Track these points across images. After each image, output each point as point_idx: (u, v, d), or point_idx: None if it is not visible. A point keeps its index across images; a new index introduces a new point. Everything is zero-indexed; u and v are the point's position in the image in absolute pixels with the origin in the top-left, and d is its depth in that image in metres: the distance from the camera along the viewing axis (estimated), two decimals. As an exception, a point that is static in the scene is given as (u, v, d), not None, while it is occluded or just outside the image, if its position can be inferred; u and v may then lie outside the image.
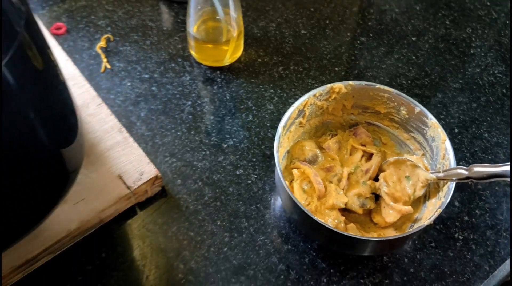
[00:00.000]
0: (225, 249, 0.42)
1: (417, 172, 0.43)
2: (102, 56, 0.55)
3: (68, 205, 0.42)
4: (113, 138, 0.47)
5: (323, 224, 0.36)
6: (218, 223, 0.43)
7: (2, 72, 0.29)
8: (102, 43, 0.57)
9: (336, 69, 0.56)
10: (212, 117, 0.51)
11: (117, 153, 0.45)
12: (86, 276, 0.40)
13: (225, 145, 0.49)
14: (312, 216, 0.37)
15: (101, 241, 0.42)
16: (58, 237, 0.41)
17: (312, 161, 0.45)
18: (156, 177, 0.44)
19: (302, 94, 0.45)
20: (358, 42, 0.59)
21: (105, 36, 0.57)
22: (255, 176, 0.47)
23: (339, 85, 0.45)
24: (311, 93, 0.44)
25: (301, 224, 0.40)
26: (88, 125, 0.48)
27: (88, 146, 0.46)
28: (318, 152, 0.45)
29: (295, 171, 0.43)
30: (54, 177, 0.40)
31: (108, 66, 0.55)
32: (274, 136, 0.49)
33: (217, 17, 0.52)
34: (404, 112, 0.45)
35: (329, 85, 0.44)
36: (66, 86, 0.39)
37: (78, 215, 0.42)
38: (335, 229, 0.36)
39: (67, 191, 0.41)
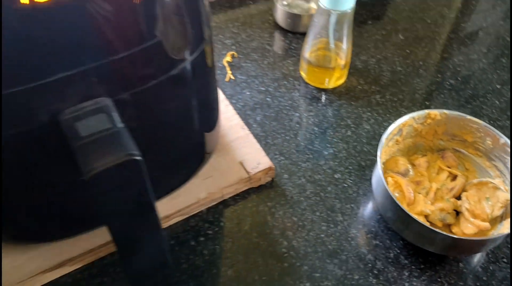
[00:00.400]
0: (322, 235, 0.50)
1: (497, 193, 0.49)
2: (227, 68, 0.66)
3: (199, 180, 0.51)
4: (237, 133, 0.56)
5: (416, 218, 0.44)
6: (317, 214, 0.51)
7: (188, 66, 0.39)
8: (228, 58, 0.67)
9: (427, 103, 0.64)
10: (316, 128, 0.60)
11: (240, 145, 0.55)
12: (207, 238, 0.49)
13: (326, 153, 0.57)
14: (407, 211, 0.44)
15: (221, 212, 0.51)
16: (189, 202, 0.50)
17: (404, 174, 0.52)
18: (269, 168, 0.53)
19: (395, 119, 0.53)
20: (447, 83, 0.67)
21: (231, 52, 0.68)
22: (351, 181, 0.54)
23: (435, 112, 0.52)
24: (410, 115, 0.52)
25: (394, 220, 0.47)
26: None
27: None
28: (410, 167, 0.53)
29: (389, 179, 0.51)
30: (196, 153, 0.50)
31: (232, 77, 0.65)
32: (369, 150, 0.57)
33: (330, 47, 0.62)
34: (489, 142, 0.52)
35: (427, 111, 0.52)
36: (216, 83, 0.49)
37: (206, 188, 0.51)
38: (425, 224, 0.43)
39: (201, 168, 0.51)
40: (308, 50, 0.63)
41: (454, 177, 0.53)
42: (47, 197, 0.40)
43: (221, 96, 0.60)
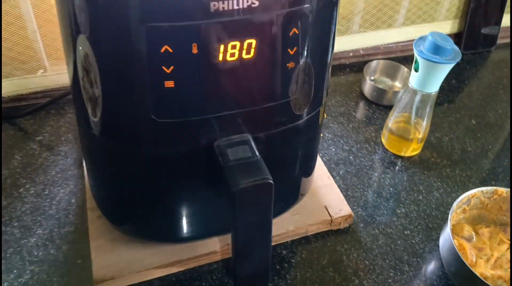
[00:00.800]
0: (390, 280, 0.57)
1: (553, 270, 0.55)
2: (317, 126, 0.76)
3: (289, 214, 0.60)
4: (323, 181, 0.66)
5: (478, 275, 0.50)
6: (387, 261, 0.59)
7: (307, 121, 0.49)
8: (318, 117, 0.78)
9: (492, 182, 0.71)
10: (391, 189, 0.68)
11: (325, 192, 0.64)
12: (290, 265, 0.57)
13: (398, 211, 0.65)
14: (471, 268, 0.51)
15: (303, 246, 0.59)
16: (279, 232, 0.59)
17: (468, 240, 0.59)
18: (349, 215, 0.61)
19: (463, 192, 0.60)
20: (513, 168, 0.74)
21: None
22: (419, 238, 0.62)
23: (502, 190, 0.60)
24: (480, 189, 0.59)
25: (457, 275, 0.54)
26: (307, 168, 0.67)
27: (307, 181, 0.65)
28: (474, 234, 0.60)
29: (455, 241, 0.58)
30: (294, 192, 0.59)
31: (321, 135, 0.75)
32: (437, 215, 0.65)
33: (411, 121, 0.71)
34: (550, 224, 0.58)
35: (495, 187, 0.60)
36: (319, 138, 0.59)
37: (294, 222, 0.60)
38: (488, 283, 0.50)
39: (293, 205, 0.61)
40: (392, 121, 0.72)
41: (513, 250, 0.59)
42: (181, 204, 0.50)
43: (312, 148, 0.70)
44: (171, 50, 0.37)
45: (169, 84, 0.39)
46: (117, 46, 0.38)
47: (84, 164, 0.64)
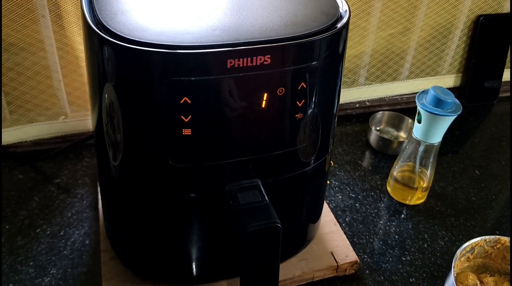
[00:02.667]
0: (395, 327, 0.57)
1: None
2: (324, 174, 0.79)
3: (296, 260, 0.62)
4: (330, 227, 0.67)
5: (482, 324, 0.51)
6: (392, 308, 0.60)
7: (314, 168, 0.52)
8: (325, 165, 0.81)
9: (496, 232, 0.72)
10: (396, 236, 0.69)
11: (331, 238, 0.66)
12: (297, 310, 0.58)
13: (404, 258, 0.66)
14: (475, 317, 0.52)
15: (310, 291, 0.61)
16: (285, 277, 0.60)
17: (472, 288, 0.60)
18: (355, 262, 0.63)
19: (467, 241, 0.62)
20: (517, 218, 0.75)
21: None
22: (426, 284, 0.63)
23: (505, 239, 0.61)
24: (483, 237, 0.61)
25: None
26: (314, 214, 0.69)
27: (314, 227, 0.67)
28: (479, 283, 0.61)
29: (459, 289, 0.59)
30: (301, 238, 0.61)
31: (328, 182, 0.78)
32: (441, 263, 0.66)
33: (415, 171, 0.73)
34: (553, 274, 0.59)
35: (498, 236, 0.61)
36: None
37: (301, 268, 0.61)
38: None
39: (300, 250, 0.62)
40: (397, 170, 0.75)
41: (518, 300, 0.60)
42: (193, 246, 0.52)
43: (319, 195, 0.72)
44: (189, 102, 0.41)
45: (187, 132, 0.42)
46: (141, 96, 0.42)
47: (99, 206, 0.67)
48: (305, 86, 0.44)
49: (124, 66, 0.41)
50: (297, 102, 0.45)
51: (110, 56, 0.41)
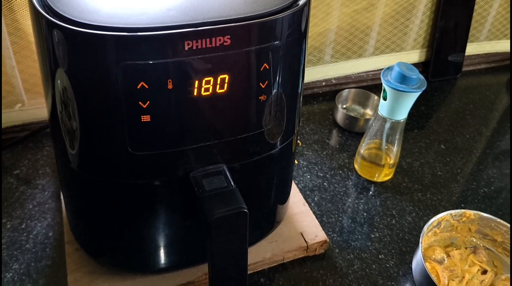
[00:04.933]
0: (365, 304, 0.58)
1: (521, 289, 0.57)
2: (293, 154, 0.78)
3: (266, 242, 0.61)
4: (299, 208, 0.67)
5: (449, 297, 0.52)
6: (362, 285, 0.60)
7: (280, 150, 0.51)
8: (293, 145, 0.80)
9: (462, 205, 0.73)
10: (365, 214, 0.70)
11: (300, 218, 0.65)
12: (268, 292, 0.58)
13: (373, 236, 0.67)
14: (442, 290, 0.52)
15: (280, 273, 0.60)
16: (256, 260, 0.60)
17: (439, 262, 0.61)
18: (325, 241, 0.63)
19: (434, 215, 0.63)
20: (481, 191, 0.77)
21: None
22: (393, 262, 0.63)
23: (470, 212, 0.62)
24: (449, 212, 0.62)
25: (430, 297, 0.55)
26: (283, 196, 0.69)
27: (283, 209, 0.66)
28: (445, 257, 0.62)
29: (427, 264, 0.59)
30: (270, 220, 0.60)
31: (296, 162, 0.77)
32: (409, 239, 0.67)
33: (382, 148, 0.73)
34: (516, 244, 0.60)
35: (463, 210, 0.62)
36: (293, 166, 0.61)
37: (271, 250, 0.61)
38: (457, 303, 0.52)
39: (269, 233, 0.62)
40: (364, 148, 0.75)
41: (484, 271, 0.61)
42: (159, 234, 0.51)
43: (287, 176, 0.72)
44: (147, 86, 0.39)
45: (146, 118, 0.40)
46: (95, 82, 0.39)
47: (62, 197, 0.65)
48: (268, 67, 0.43)
49: (76, 51, 0.39)
50: (260, 83, 0.44)
51: (61, 40, 0.39)
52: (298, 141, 0.81)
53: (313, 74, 0.93)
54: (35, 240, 0.61)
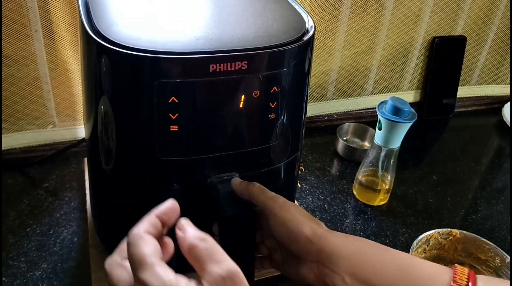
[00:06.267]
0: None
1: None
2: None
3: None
4: (301, 225, 0.73)
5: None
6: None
7: (285, 165, 0.59)
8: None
9: (453, 231, 0.79)
10: (361, 233, 0.76)
11: (302, 234, 0.72)
12: (271, 297, 0.64)
13: (368, 252, 0.73)
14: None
15: (283, 282, 0.66)
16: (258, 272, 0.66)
17: (428, 275, 0.67)
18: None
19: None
20: (470, 218, 0.83)
21: (301, 168, 0.88)
22: (386, 276, 0.69)
23: (456, 231, 0.68)
24: (437, 230, 0.68)
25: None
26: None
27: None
28: (433, 271, 0.67)
29: (416, 276, 0.65)
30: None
31: (299, 186, 0.84)
32: (402, 256, 0.72)
33: (378, 174, 0.81)
34: (498, 261, 0.66)
35: (450, 229, 0.68)
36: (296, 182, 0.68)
37: (275, 260, 0.67)
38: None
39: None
40: (361, 174, 0.82)
41: (468, 286, 0.67)
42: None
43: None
44: (176, 101, 0.47)
45: (174, 128, 0.48)
46: (134, 97, 0.48)
47: (87, 207, 0.72)
48: (277, 90, 0.51)
49: (120, 70, 0.47)
50: (270, 103, 0.52)
51: (107, 62, 0.47)
52: (301, 167, 0.89)
53: (316, 109, 1.02)
54: (61, 244, 0.68)
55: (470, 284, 0.44)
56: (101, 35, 0.47)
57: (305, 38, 0.52)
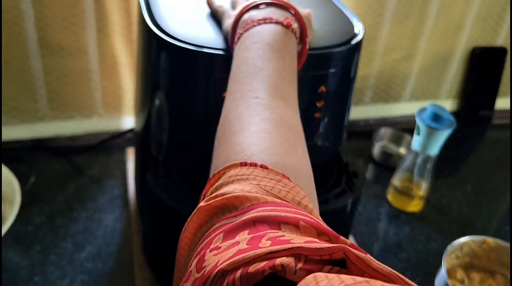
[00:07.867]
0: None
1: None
2: (331, 180, 0.87)
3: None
4: (335, 225, 0.75)
5: (468, 307, 0.58)
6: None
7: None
8: (332, 173, 0.89)
9: (487, 240, 0.80)
10: (394, 237, 0.77)
11: (336, 233, 0.73)
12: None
13: (400, 256, 0.74)
14: (461, 301, 0.59)
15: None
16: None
17: (461, 282, 0.67)
18: (357, 255, 0.70)
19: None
20: (503, 229, 0.83)
21: (334, 170, 0.89)
22: (417, 280, 0.70)
23: (490, 240, 0.69)
24: (471, 237, 0.69)
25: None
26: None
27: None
28: (465, 277, 0.68)
29: (450, 281, 0.66)
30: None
31: (334, 187, 0.85)
32: (433, 263, 0.73)
33: (413, 181, 0.81)
34: (532, 272, 0.66)
35: (484, 237, 0.69)
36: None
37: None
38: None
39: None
40: (397, 179, 0.83)
41: (501, 295, 0.67)
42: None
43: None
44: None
45: (224, 121, 0.51)
46: (190, 88, 0.50)
47: (129, 196, 0.75)
48: (324, 90, 0.53)
49: (178, 63, 0.50)
50: (317, 102, 0.53)
51: (167, 57, 0.50)
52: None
53: (353, 113, 1.02)
54: (105, 229, 0.71)
55: None
56: (162, 31, 0.50)
57: (353, 41, 0.54)
